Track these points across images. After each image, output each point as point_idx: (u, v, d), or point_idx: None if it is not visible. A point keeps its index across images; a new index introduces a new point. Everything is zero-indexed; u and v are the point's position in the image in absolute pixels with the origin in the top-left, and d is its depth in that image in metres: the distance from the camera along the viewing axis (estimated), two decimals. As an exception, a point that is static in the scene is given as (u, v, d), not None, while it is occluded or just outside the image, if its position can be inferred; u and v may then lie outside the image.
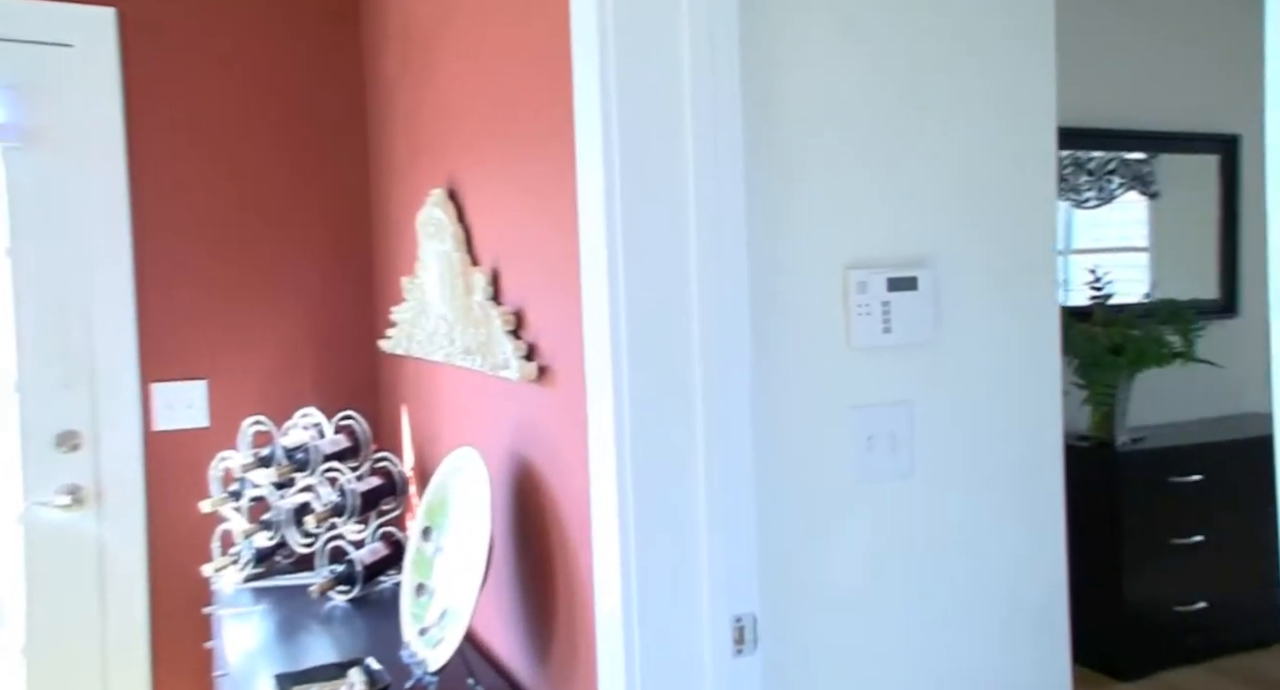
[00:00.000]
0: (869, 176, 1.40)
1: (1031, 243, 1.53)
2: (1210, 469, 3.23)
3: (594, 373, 1.24)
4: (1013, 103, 1.50)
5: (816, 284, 1.38)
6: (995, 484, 1.50)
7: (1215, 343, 3.67)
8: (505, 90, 1.59)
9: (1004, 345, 1.51)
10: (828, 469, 1.38)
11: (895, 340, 1.43)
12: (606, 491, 1.24)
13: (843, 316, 1.40)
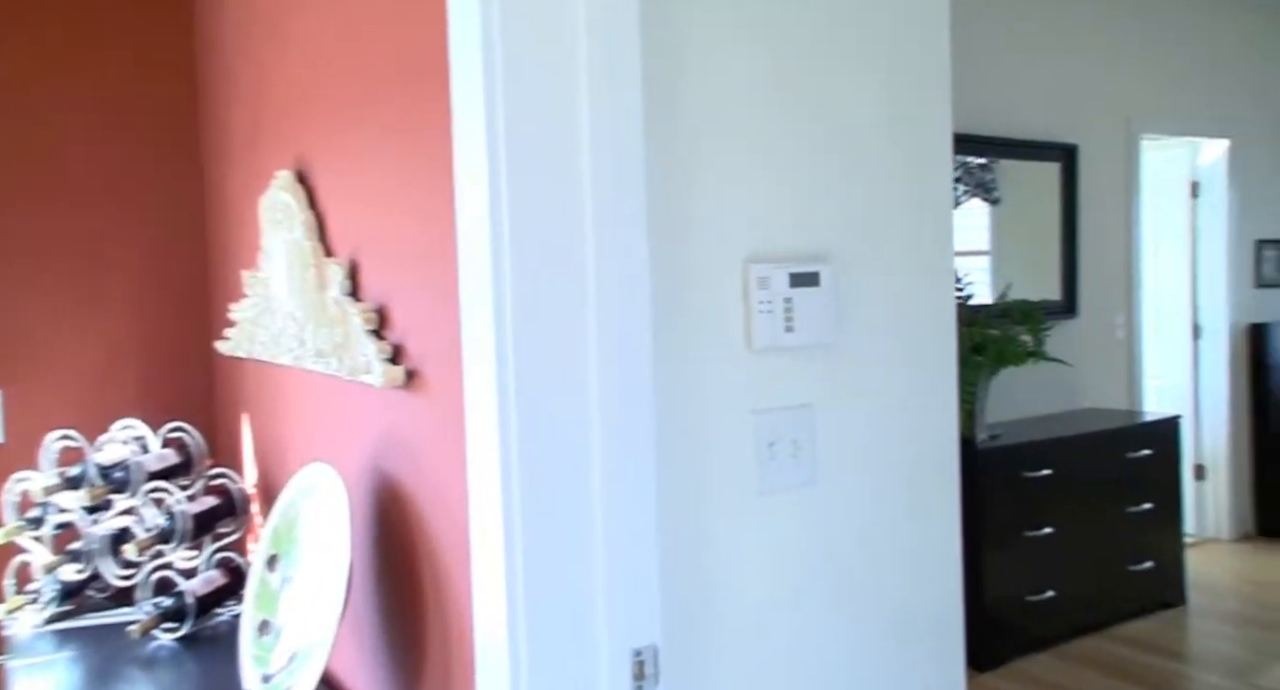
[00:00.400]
0: (770, 168, 1.31)
1: (930, 241, 1.48)
2: (1059, 463, 3.36)
3: (473, 377, 1.08)
4: (910, 104, 1.45)
5: (716, 279, 1.27)
6: (895, 489, 1.44)
7: (1057, 342, 3.84)
8: (367, 57, 1.40)
9: (904, 345, 1.45)
10: (729, 480, 1.28)
11: (798, 340, 1.34)
12: (488, 511, 1.09)
13: (743, 315, 1.30)
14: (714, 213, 1.26)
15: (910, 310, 1.46)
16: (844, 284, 1.39)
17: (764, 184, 1.31)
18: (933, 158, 1.48)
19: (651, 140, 1.19)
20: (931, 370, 1.49)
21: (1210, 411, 4.66)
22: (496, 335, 1.02)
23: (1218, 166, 4.60)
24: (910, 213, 1.46)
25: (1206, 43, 4.50)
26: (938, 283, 1.49)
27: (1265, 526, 4.73)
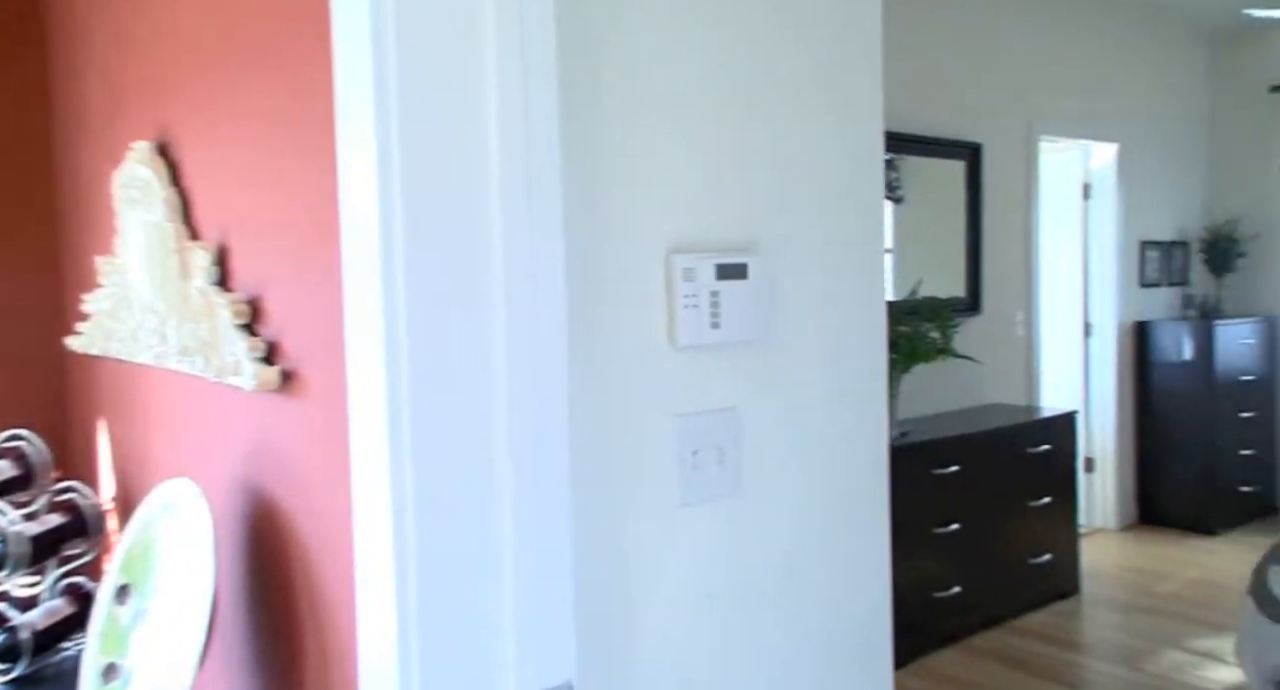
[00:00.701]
0: (695, 153, 1.21)
1: (861, 234, 1.39)
2: (965, 460, 3.37)
3: (360, 380, 0.93)
4: (841, 93, 1.37)
5: (637, 271, 1.15)
6: (825, 496, 1.35)
7: (963, 339, 3.87)
8: (241, 12, 1.22)
9: (835, 342, 1.36)
10: (649, 492, 1.16)
11: (724, 337, 1.23)
12: (377, 534, 0.94)
13: (666, 310, 1.18)
14: (635, 198, 1.14)
15: (841, 305, 1.37)
16: (773, 277, 1.29)
17: (688, 169, 1.20)
18: (864, 148, 1.40)
19: (568, 119, 1.05)
20: (863, 368, 1.40)
21: (1099, 406, 4.80)
22: (386, 331, 0.87)
23: (1107, 169, 4.73)
24: (841, 203, 1.37)
25: (1100, 52, 4.63)
26: (869, 277, 1.41)
27: (1147, 515, 4.91)
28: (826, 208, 1.35)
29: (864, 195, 1.39)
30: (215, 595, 1.07)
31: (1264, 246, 5.10)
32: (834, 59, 1.35)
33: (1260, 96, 5.09)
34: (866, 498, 1.41)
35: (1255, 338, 4.88)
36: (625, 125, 1.13)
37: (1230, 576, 4.10)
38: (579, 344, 1.08)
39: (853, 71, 1.38)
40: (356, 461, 0.95)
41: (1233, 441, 4.75)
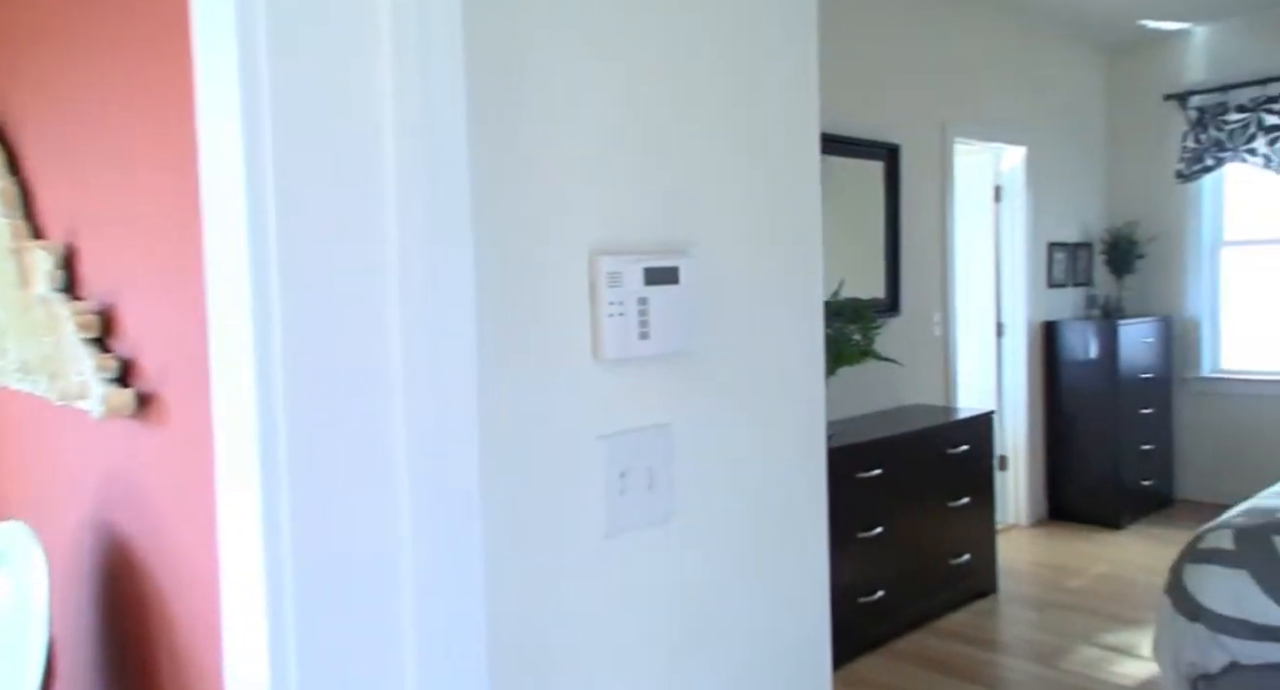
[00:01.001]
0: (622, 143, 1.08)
1: (797, 234, 1.29)
2: (888, 462, 3.34)
3: (227, 405, 0.78)
4: (776, 87, 1.26)
5: (556, 274, 1.02)
6: (763, 518, 1.25)
7: (883, 340, 3.85)
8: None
9: (772, 351, 1.25)
10: (570, 523, 1.04)
11: (654, 349, 1.11)
12: (249, 580, 0.79)
13: (589, 319, 1.05)
14: (552, 192, 1.01)
15: (779, 311, 1.27)
16: (706, 281, 1.18)
17: (614, 163, 1.07)
18: (799, 144, 1.30)
19: (477, 101, 0.92)
20: (801, 379, 1.30)
21: (1011, 405, 4.87)
22: (257, 348, 0.72)
23: (1017, 172, 4.80)
24: (777, 201, 1.26)
25: (1009, 57, 4.69)
26: (807, 280, 1.31)
27: (1056, 511, 5.01)
28: (762, 205, 1.24)
29: (800, 193, 1.30)
30: (52, 650, 0.90)
31: (1161, 248, 5.26)
32: (771, 49, 1.25)
33: (1155, 104, 5.24)
34: (806, 517, 1.32)
35: (1154, 336, 5.03)
36: (541, 110, 1.00)
37: (1136, 570, 4.19)
38: (490, 359, 0.95)
39: (789, 62, 1.28)
40: (223, 499, 0.80)
41: (1135, 437, 4.88)
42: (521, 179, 0.98)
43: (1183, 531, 4.71)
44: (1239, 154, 4.94)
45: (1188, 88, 5.10)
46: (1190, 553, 2.37)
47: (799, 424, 1.30)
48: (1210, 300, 5.20)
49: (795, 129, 1.30)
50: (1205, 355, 5.21)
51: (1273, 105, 4.83)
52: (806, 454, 1.32)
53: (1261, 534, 2.28)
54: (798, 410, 1.30)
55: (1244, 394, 5.05)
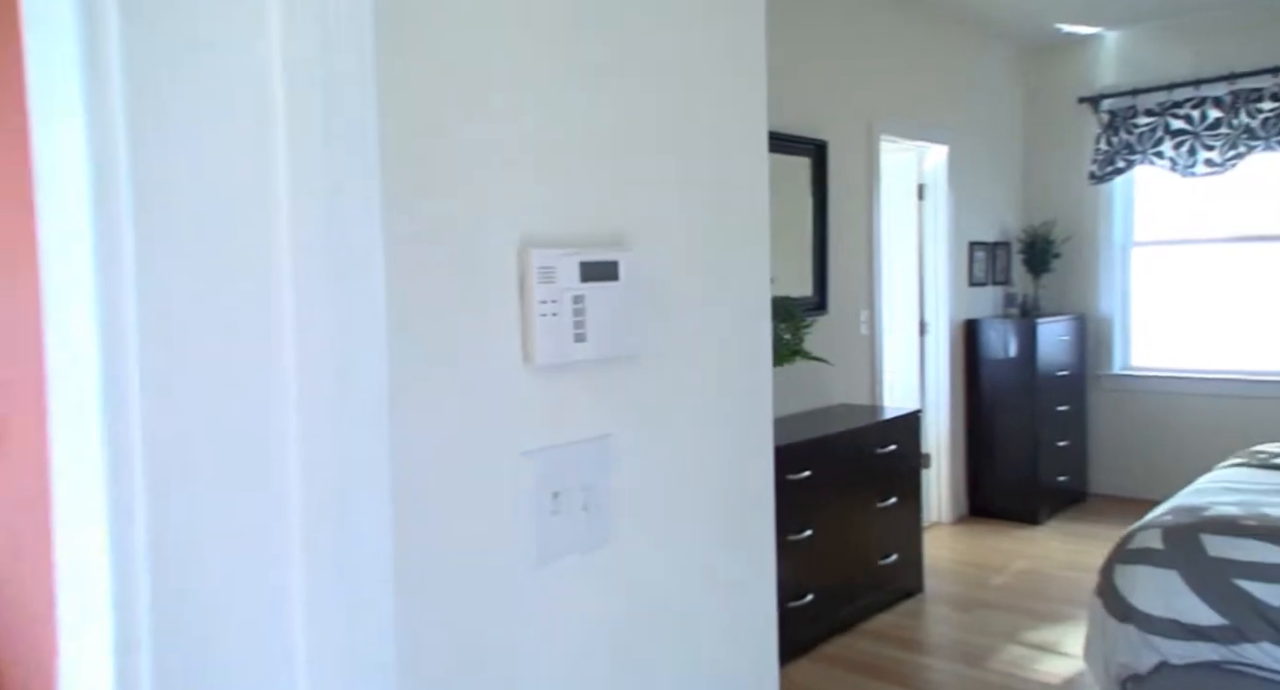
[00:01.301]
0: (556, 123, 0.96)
1: (744, 228, 1.19)
2: (817, 464, 3.28)
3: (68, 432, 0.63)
4: (722, 73, 1.16)
5: (481, 268, 0.90)
6: (709, 536, 1.14)
7: (811, 338, 3.80)
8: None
9: (719, 353, 1.15)
10: (494, 552, 0.92)
11: (591, 352, 1.00)
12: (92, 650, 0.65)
13: (519, 320, 0.93)
14: (477, 175, 0.88)
15: (725, 311, 1.16)
16: (648, 278, 1.06)
17: (548, 146, 0.95)
18: (747, 135, 1.20)
19: (386, 71, 0.79)
20: (748, 383, 1.20)
21: (934, 403, 4.90)
22: (104, 369, 0.58)
23: (940, 171, 4.83)
24: (723, 196, 1.16)
25: (932, 57, 4.70)
26: (754, 277, 1.21)
27: (976, 508, 5.06)
28: (708, 198, 1.14)
29: (748, 187, 1.20)
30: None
31: (1075, 248, 5.37)
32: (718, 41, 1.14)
33: (1070, 106, 5.35)
34: (753, 534, 1.22)
35: (1069, 335, 5.12)
36: (464, 84, 0.87)
37: (1055, 565, 4.25)
38: (404, 368, 0.82)
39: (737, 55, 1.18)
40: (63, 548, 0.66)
41: (1052, 434, 4.96)
42: (441, 161, 0.85)
43: (1098, 527, 4.81)
44: (1148, 157, 5.07)
45: (1100, 91, 5.21)
46: (1120, 553, 2.37)
47: (747, 432, 1.20)
48: (1122, 299, 5.33)
49: (743, 120, 1.20)
50: (1117, 353, 5.34)
51: (1178, 110, 4.97)
52: (754, 465, 1.22)
53: (1189, 533, 2.28)
54: (746, 417, 1.20)
55: (1153, 391, 5.19)
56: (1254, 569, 2.15)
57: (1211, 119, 4.87)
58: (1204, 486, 2.74)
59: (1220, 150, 4.84)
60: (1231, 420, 4.92)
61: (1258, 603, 2.13)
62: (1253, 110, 4.75)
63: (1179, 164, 4.97)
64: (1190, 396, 5.06)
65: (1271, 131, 4.70)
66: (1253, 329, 4.95)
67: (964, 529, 4.89)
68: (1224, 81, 4.80)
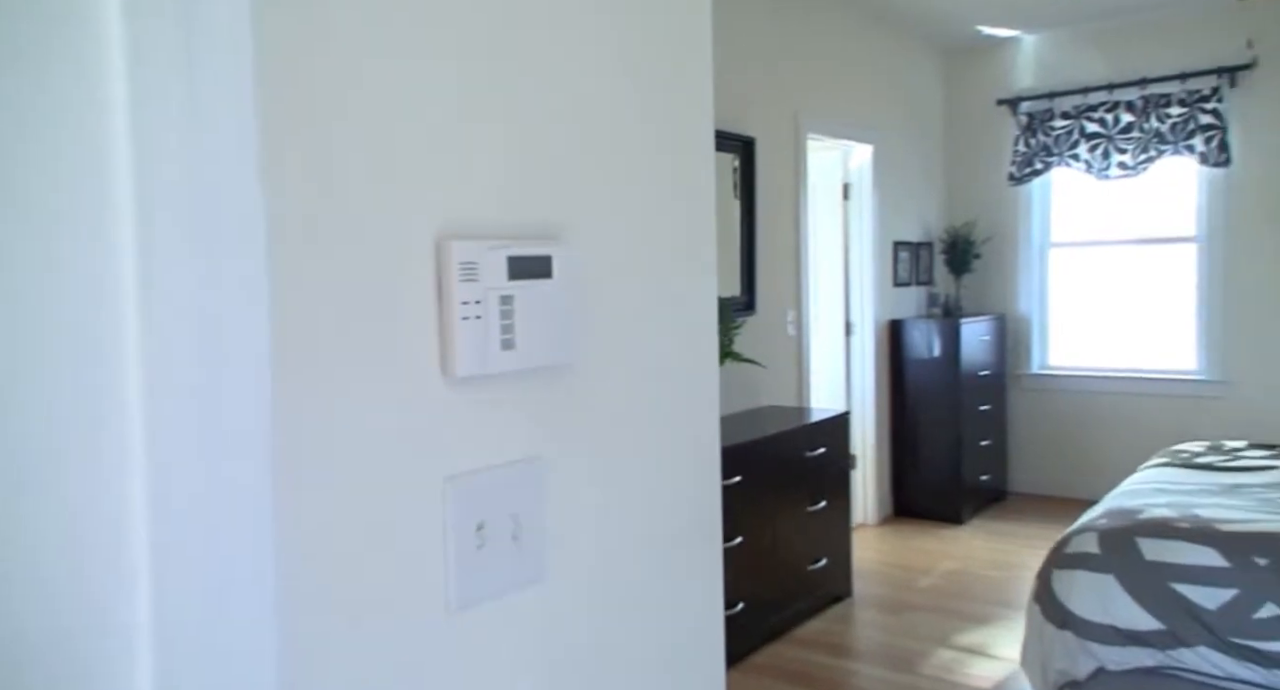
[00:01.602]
0: (480, 98, 0.82)
1: (689, 222, 1.07)
2: (747, 469, 3.20)
3: None
4: (666, 59, 1.03)
5: (389, 263, 0.75)
6: (653, 566, 1.02)
7: (740, 339, 3.72)
8: None
9: (663, 362, 1.03)
10: (408, 597, 0.78)
11: (521, 362, 0.86)
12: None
13: (436, 325, 0.80)
14: (384, 152, 0.74)
15: (671, 314, 1.04)
16: (586, 276, 0.93)
17: (471, 121, 0.81)
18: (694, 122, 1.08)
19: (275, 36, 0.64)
20: (695, 396, 1.08)
21: (860, 403, 4.88)
22: None
23: (865, 170, 4.81)
24: (668, 184, 1.04)
25: (857, 56, 4.68)
26: (700, 276, 1.09)
27: (901, 508, 5.07)
28: (651, 187, 1.01)
29: (690, 176, 1.08)
30: None
31: (995, 249, 5.43)
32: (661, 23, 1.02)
33: (990, 108, 5.41)
34: (701, 562, 1.10)
35: (990, 335, 5.18)
36: (373, 48, 0.73)
37: (981, 565, 4.26)
38: (296, 381, 0.67)
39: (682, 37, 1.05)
40: None
41: (974, 433, 5.00)
42: (340, 133, 0.71)
43: (1018, 525, 4.86)
44: (1064, 159, 5.15)
45: (1018, 94, 5.28)
46: (1057, 558, 2.33)
47: (694, 450, 1.08)
48: (1040, 299, 5.41)
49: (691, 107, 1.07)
50: (1035, 353, 5.42)
51: (1093, 114, 5.06)
52: (702, 486, 1.10)
53: (1125, 537, 2.26)
54: (692, 434, 1.08)
55: (1069, 390, 5.28)
56: (1189, 572, 2.13)
57: (1124, 123, 4.97)
58: (1135, 488, 2.74)
59: (1133, 154, 4.95)
60: (1144, 418, 5.03)
61: (1193, 606, 2.11)
62: (1162, 115, 4.87)
63: (1094, 166, 5.06)
64: (1104, 395, 5.17)
65: (1179, 136, 4.82)
66: (1162, 329, 5.08)
67: (889, 530, 4.88)
68: (1135, 86, 4.90)
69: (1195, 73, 4.74)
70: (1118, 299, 5.21)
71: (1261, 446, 3.26)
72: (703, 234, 1.09)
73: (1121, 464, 4.93)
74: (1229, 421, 4.77)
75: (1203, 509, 2.38)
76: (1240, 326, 4.77)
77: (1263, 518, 2.30)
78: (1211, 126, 4.73)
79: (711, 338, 1.11)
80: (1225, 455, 3.11)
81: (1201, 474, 2.85)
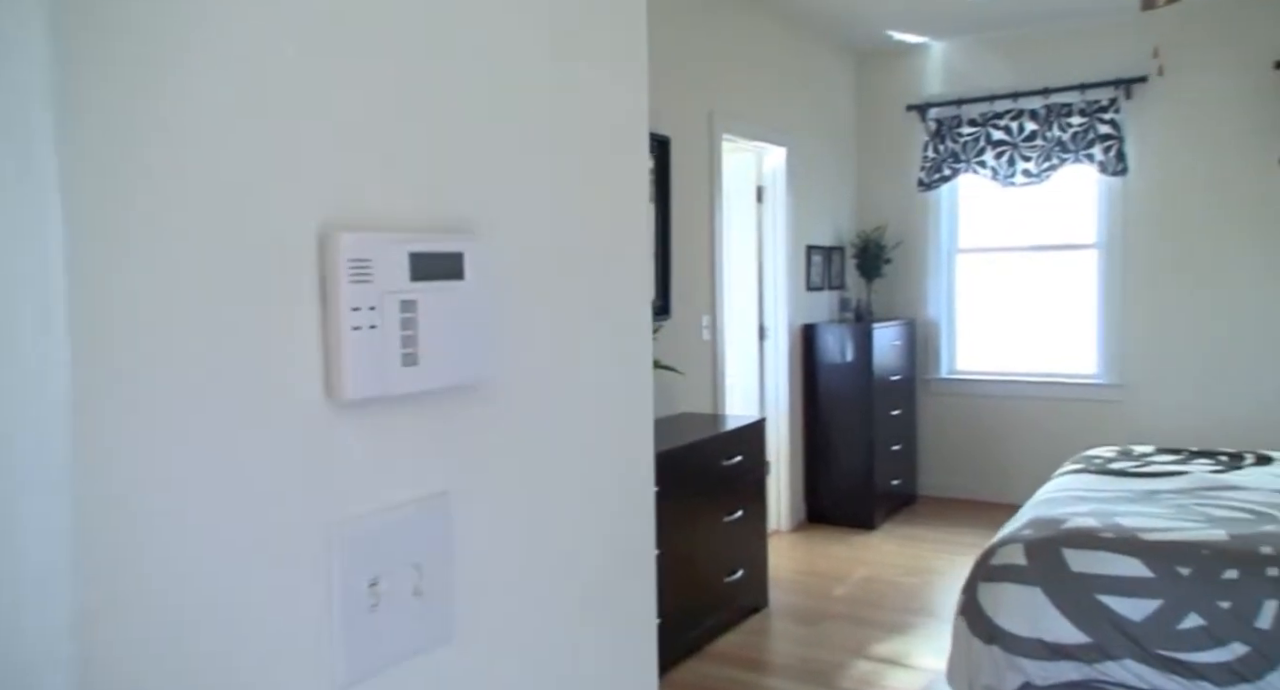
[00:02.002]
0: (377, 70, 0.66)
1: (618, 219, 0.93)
2: (665, 479, 3.07)
3: None
4: (599, 52, 0.89)
5: (256, 261, 0.59)
6: (578, 614, 0.88)
7: (656, 345, 3.60)
8: None
9: (592, 380, 0.89)
10: (280, 679, 0.61)
11: (426, 381, 0.71)
12: None
13: (318, 336, 0.64)
14: (253, 130, 0.58)
15: (601, 324, 0.90)
16: (504, 276, 0.78)
17: (366, 83, 0.66)
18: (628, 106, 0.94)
19: None
20: (627, 415, 0.95)
21: (774, 409, 4.83)
22: None
23: (779, 173, 4.77)
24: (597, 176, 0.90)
25: (771, 58, 4.63)
26: (633, 278, 0.95)
27: (814, 514, 5.04)
28: (581, 172, 0.87)
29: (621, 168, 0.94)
30: None
31: (905, 254, 5.47)
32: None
33: (900, 113, 5.44)
34: (633, 605, 0.96)
35: (901, 339, 5.20)
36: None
37: (894, 571, 4.25)
38: (124, 410, 0.51)
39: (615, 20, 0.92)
40: None
41: (886, 438, 5.01)
42: (176, 90, 0.54)
43: (928, 530, 4.88)
44: (971, 166, 5.22)
45: (927, 100, 5.33)
46: (983, 570, 2.28)
47: (629, 475, 0.94)
48: (948, 304, 5.47)
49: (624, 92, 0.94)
50: (944, 357, 5.48)
51: (999, 121, 5.14)
52: (636, 514, 0.96)
53: (1051, 547, 2.23)
54: (625, 460, 0.94)
55: (976, 394, 5.35)
56: (1115, 583, 2.11)
57: (1028, 131, 5.06)
58: (1054, 495, 2.73)
59: (1036, 161, 5.04)
60: (1047, 422, 5.13)
61: (1119, 618, 2.09)
62: (1064, 124, 4.97)
63: (1000, 173, 5.14)
64: (1010, 399, 5.25)
65: (1080, 145, 4.94)
66: (1065, 334, 5.19)
67: (803, 537, 4.84)
68: (1039, 96, 5.00)
69: (1094, 84, 4.86)
70: (1023, 304, 5.30)
71: (1168, 451, 3.32)
72: (637, 234, 0.96)
73: (1027, 467, 5.01)
74: (1127, 424, 4.89)
75: (1124, 518, 2.37)
76: (1136, 331, 4.91)
77: (1182, 526, 2.30)
78: (1110, 136, 4.86)
79: (646, 350, 0.97)
80: (1136, 461, 3.14)
81: (1116, 480, 2.86)
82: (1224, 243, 4.68)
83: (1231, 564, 2.11)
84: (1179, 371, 4.80)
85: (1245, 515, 2.46)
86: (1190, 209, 4.76)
